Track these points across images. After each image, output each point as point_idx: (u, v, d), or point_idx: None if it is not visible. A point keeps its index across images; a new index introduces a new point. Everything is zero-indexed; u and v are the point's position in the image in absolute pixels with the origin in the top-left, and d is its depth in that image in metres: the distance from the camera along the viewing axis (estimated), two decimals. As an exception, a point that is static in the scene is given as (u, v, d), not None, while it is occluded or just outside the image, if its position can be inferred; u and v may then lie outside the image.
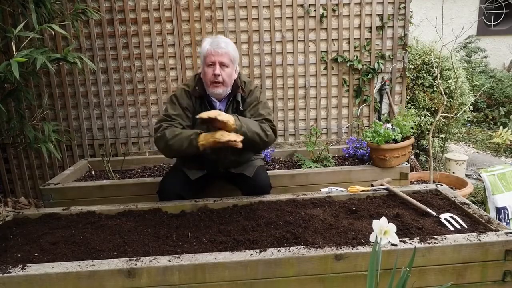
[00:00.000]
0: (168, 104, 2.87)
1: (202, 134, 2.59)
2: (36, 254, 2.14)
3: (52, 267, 1.94)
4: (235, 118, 2.59)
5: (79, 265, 1.94)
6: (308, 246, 2.03)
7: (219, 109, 2.83)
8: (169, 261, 1.94)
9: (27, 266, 1.95)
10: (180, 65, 4.21)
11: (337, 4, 4.17)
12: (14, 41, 2.83)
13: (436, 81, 4.35)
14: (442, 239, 2.03)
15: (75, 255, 2.12)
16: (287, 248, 2.02)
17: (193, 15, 4.10)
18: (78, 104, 4.21)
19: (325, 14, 4.16)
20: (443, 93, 3.71)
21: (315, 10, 4.17)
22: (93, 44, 4.09)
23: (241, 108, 2.84)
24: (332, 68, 4.31)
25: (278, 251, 1.99)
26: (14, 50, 2.83)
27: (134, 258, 1.97)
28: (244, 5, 4.11)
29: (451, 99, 4.35)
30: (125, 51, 4.14)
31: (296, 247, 2.03)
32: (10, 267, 1.94)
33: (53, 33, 3.30)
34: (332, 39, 4.25)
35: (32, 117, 3.84)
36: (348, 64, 4.28)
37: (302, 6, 4.16)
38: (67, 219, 2.58)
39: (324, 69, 4.31)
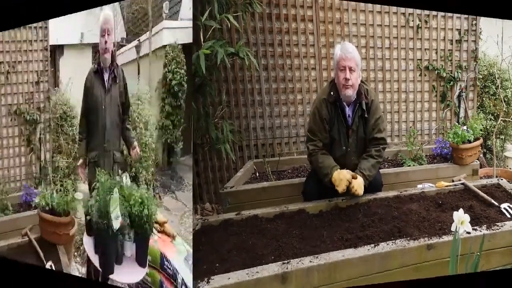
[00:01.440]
0: (311, 116, 3.07)
1: (332, 178, 2.83)
2: (217, 264, 2.25)
3: (229, 278, 2.02)
4: (365, 179, 2.85)
5: (247, 274, 2.04)
6: (408, 238, 2.27)
7: (348, 115, 3.00)
8: (310, 261, 2.10)
9: (211, 279, 2.03)
10: (318, 66, 4.32)
11: (428, 15, 4.57)
12: (201, 29, 2.72)
13: (498, 90, 4.92)
14: (502, 226, 2.39)
15: (244, 262, 2.23)
16: (393, 241, 2.25)
17: (327, 16, 4.25)
18: (247, 101, 4.19)
19: (420, 25, 4.63)
20: (503, 101, 4.31)
21: (413, 20, 4.59)
22: (257, 39, 4.09)
23: (366, 115, 2.97)
24: (425, 75, 4.77)
25: (387, 244, 2.23)
26: (202, 40, 2.72)
27: (286, 261, 2.12)
28: (371, 9, 4.38)
29: (508, 106, 4.88)
30: (280, 48, 4.19)
31: (400, 240, 2.25)
32: (199, 281, 2.04)
33: (229, 24, 3.29)
34: (425, 49, 4.71)
35: (214, 115, 3.64)
36: (436, 72, 4.79)
37: (403, 14, 4.49)
38: (238, 225, 2.71)
39: (419, 75, 4.75)
